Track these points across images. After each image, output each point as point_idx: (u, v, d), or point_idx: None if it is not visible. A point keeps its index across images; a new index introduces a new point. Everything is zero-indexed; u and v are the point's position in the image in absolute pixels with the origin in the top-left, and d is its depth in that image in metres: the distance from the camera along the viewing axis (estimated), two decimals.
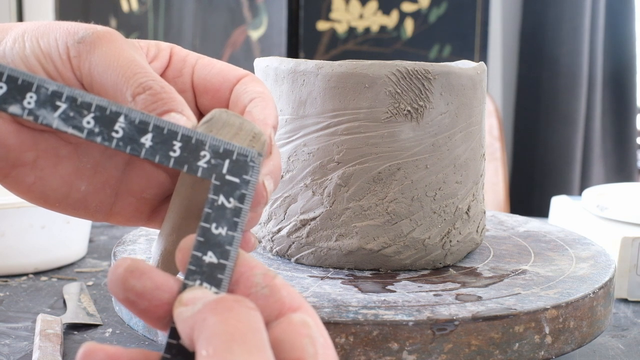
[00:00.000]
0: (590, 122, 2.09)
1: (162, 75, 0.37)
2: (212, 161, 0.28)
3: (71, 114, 0.28)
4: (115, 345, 0.27)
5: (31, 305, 0.58)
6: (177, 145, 0.28)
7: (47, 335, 0.49)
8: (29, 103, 0.28)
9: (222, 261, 0.28)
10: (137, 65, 0.32)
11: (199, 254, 0.28)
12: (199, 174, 0.28)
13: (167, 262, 0.40)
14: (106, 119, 0.28)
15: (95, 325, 0.54)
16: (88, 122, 0.28)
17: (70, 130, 0.28)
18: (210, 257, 0.28)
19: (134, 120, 0.28)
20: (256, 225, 0.51)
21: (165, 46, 0.38)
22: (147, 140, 0.28)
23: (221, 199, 0.28)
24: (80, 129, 0.28)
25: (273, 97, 0.48)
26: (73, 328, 0.53)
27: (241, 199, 0.28)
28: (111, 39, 0.33)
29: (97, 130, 0.28)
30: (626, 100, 2.15)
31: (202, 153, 0.28)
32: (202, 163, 0.28)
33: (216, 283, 0.28)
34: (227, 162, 0.28)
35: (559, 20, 2.06)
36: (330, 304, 0.40)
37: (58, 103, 0.28)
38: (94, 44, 0.33)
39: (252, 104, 0.34)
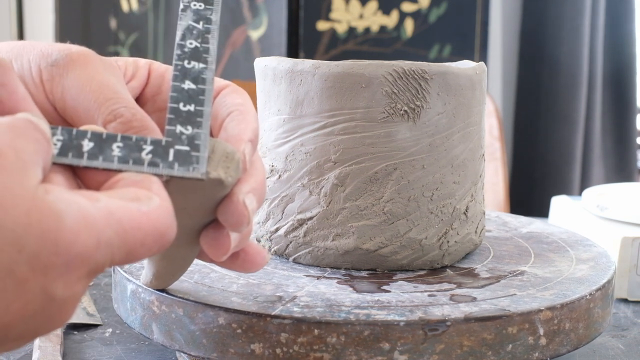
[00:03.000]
0: (590, 122, 2.09)
1: (141, 93, 0.37)
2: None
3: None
4: (114, 345, 0.27)
5: None
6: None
7: (47, 335, 0.49)
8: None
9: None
10: (110, 90, 0.32)
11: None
12: None
13: (160, 282, 0.41)
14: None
15: (95, 325, 0.54)
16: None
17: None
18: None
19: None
20: (255, 225, 0.51)
21: (143, 63, 0.37)
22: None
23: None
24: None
25: (273, 94, 0.49)
26: (73, 328, 0.54)
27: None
28: (85, 60, 0.32)
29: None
30: (626, 100, 2.14)
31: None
32: None
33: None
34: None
35: (559, 20, 2.06)
36: (324, 304, 0.40)
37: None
38: (67, 67, 0.32)
39: (229, 118, 0.34)
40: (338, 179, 0.46)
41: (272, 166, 0.49)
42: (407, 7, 1.93)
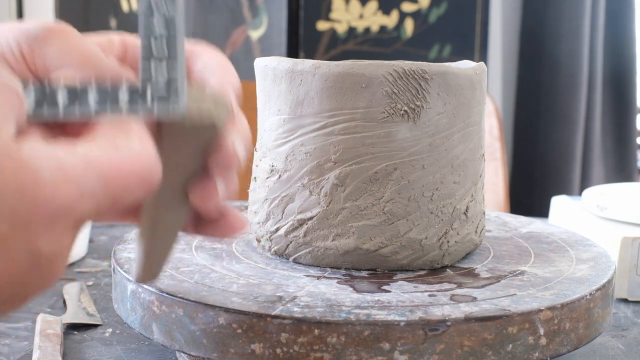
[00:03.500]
0: (590, 122, 2.09)
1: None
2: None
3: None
4: (114, 345, 0.27)
5: (31, 305, 0.59)
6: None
7: (47, 335, 0.49)
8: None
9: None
10: (92, 55, 0.31)
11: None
12: None
13: (149, 267, 0.40)
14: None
15: (95, 325, 0.54)
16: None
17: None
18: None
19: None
20: (255, 225, 0.51)
21: (117, 36, 0.36)
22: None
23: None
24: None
25: (273, 94, 0.48)
26: (73, 328, 0.54)
27: None
28: (64, 32, 0.32)
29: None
30: (626, 100, 2.14)
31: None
32: None
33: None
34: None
35: (559, 20, 2.06)
36: (324, 304, 0.40)
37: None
38: (47, 38, 0.32)
39: (209, 73, 0.34)
40: (338, 179, 0.46)
41: (272, 166, 0.49)
42: (407, 7, 1.93)
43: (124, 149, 0.26)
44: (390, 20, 1.94)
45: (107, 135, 0.27)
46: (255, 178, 0.52)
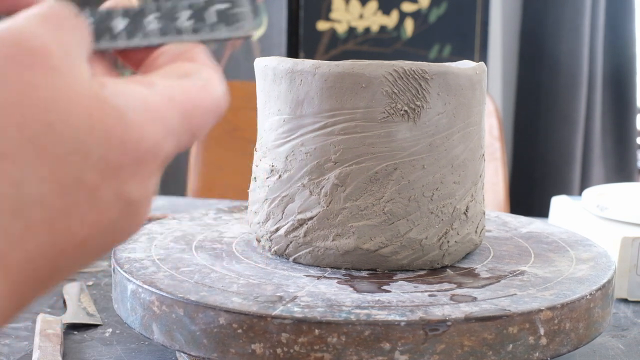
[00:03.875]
0: (590, 122, 2.09)
1: None
2: None
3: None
4: (114, 345, 0.27)
5: (31, 305, 0.58)
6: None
7: (47, 335, 0.49)
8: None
9: None
10: None
11: None
12: None
13: None
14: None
15: (95, 325, 0.54)
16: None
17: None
18: None
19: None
20: (255, 225, 0.51)
21: None
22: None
23: None
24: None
25: (273, 94, 0.49)
26: (73, 328, 0.54)
27: None
28: None
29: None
30: (626, 100, 2.15)
31: None
32: None
33: None
34: None
35: (559, 20, 2.06)
36: (324, 304, 0.40)
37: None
38: None
39: None
40: (338, 179, 0.46)
41: (272, 166, 0.49)
42: (407, 7, 1.93)
43: (198, 81, 0.26)
44: (390, 20, 1.94)
45: (178, 66, 0.26)
46: (255, 178, 0.52)
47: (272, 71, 0.49)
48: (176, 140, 0.25)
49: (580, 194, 1.79)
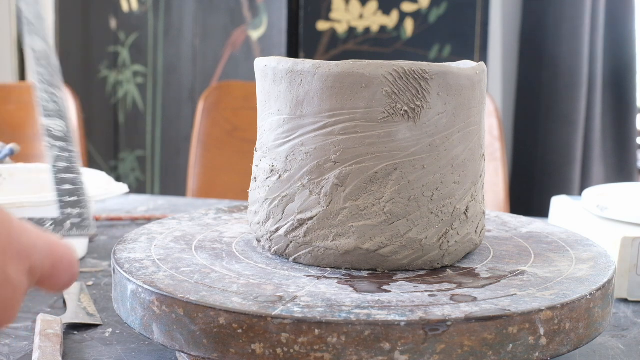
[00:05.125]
0: (590, 122, 2.09)
1: None
2: None
3: None
4: (114, 345, 0.27)
5: (31, 305, 0.59)
6: None
7: (47, 335, 0.49)
8: None
9: None
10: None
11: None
12: None
13: None
14: None
15: (95, 325, 0.54)
16: None
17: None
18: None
19: None
20: (255, 225, 0.51)
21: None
22: None
23: None
24: None
25: (273, 94, 0.49)
26: (73, 328, 0.54)
27: None
28: None
29: None
30: (626, 100, 2.14)
31: None
32: None
33: None
34: None
35: (559, 20, 2.06)
36: (324, 304, 0.40)
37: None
38: None
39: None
40: (338, 179, 0.46)
41: (272, 166, 0.49)
42: (407, 7, 1.93)
43: (60, 240, 0.34)
44: (390, 20, 1.94)
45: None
46: (255, 178, 0.52)
47: (272, 71, 0.49)
48: (40, 260, 0.32)
49: (580, 194, 1.79)
